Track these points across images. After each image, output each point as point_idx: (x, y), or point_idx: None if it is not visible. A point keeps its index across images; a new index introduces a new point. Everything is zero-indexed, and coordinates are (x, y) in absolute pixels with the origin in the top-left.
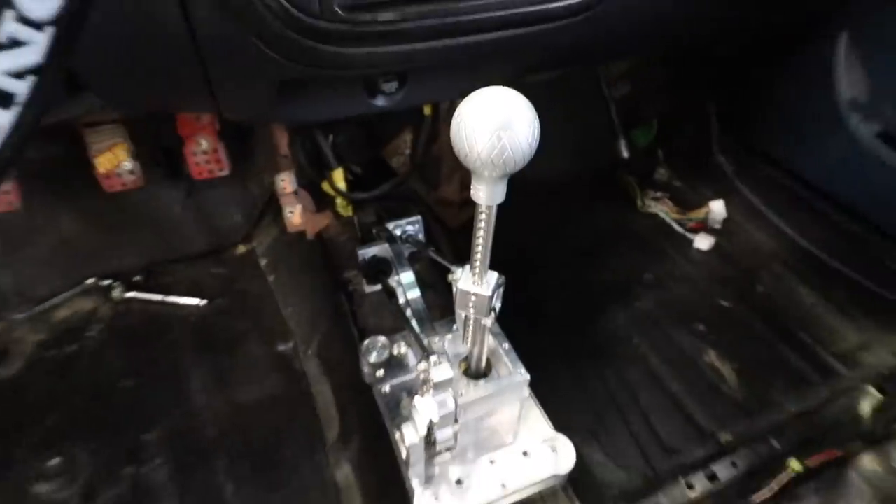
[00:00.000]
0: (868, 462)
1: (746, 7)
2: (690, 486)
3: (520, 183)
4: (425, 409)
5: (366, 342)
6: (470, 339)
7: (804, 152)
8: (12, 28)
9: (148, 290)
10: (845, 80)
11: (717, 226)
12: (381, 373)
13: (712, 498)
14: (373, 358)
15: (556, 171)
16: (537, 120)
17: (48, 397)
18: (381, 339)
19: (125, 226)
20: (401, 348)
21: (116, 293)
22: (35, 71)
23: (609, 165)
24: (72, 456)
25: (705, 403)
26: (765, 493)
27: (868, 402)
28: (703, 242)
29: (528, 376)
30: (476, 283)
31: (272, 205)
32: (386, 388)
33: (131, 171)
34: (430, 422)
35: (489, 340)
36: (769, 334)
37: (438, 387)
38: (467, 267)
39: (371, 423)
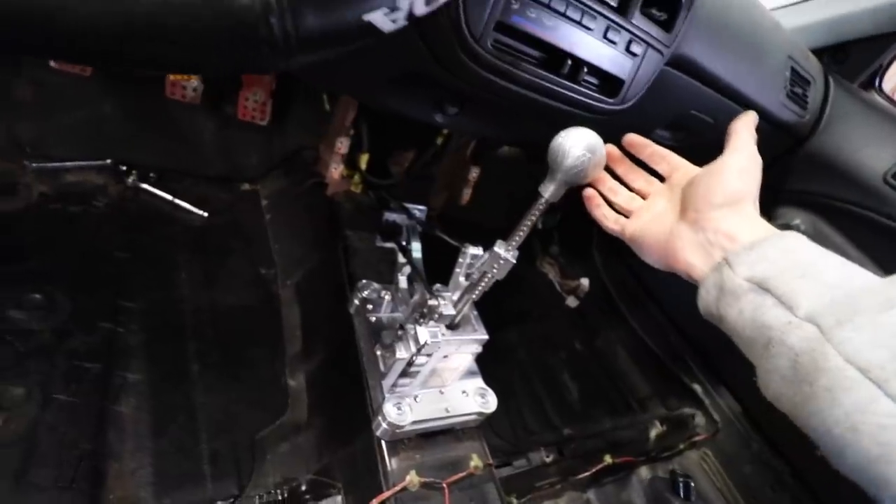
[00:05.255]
0: (644, 471)
1: None
2: (547, 455)
3: (468, 225)
4: (422, 334)
5: (363, 281)
6: (469, 295)
7: (649, 270)
8: None
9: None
10: None
11: (582, 295)
12: (369, 307)
13: (557, 465)
14: (365, 294)
15: (496, 221)
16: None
17: (40, 242)
18: (375, 284)
19: (159, 130)
20: (386, 295)
21: (131, 180)
22: None
23: None
24: (52, 297)
25: (557, 407)
26: (587, 472)
27: (654, 431)
28: (572, 302)
29: (486, 336)
30: (508, 251)
31: (286, 164)
32: (372, 318)
33: (195, 90)
34: (422, 344)
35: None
36: (599, 374)
37: (440, 319)
38: (500, 242)
39: (331, 349)
